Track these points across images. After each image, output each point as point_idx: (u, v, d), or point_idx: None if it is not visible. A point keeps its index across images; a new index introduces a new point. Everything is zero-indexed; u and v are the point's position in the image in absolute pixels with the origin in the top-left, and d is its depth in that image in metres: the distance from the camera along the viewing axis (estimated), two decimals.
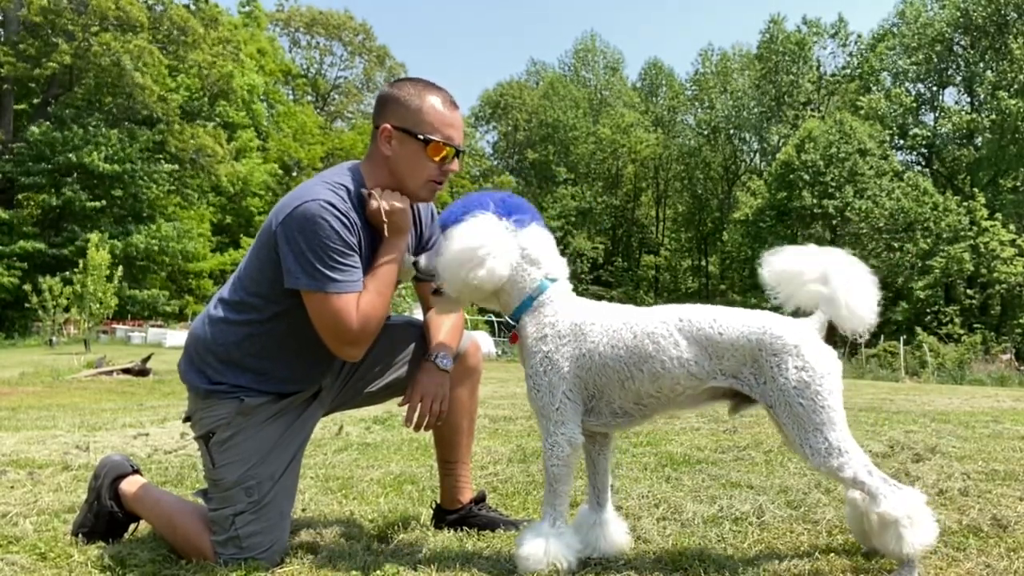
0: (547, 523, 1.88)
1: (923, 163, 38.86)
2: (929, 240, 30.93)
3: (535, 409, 1.94)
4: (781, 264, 1.91)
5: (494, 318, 32.47)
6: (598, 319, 1.92)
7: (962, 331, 27.03)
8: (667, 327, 1.85)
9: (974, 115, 34.02)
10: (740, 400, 1.92)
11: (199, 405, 2.06)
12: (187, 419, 2.14)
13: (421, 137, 2.01)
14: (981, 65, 34.56)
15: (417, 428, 2.06)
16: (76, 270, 21.50)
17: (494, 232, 1.93)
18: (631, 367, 1.86)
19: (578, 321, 1.92)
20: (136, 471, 2.33)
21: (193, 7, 36.91)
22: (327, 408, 2.26)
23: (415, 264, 2.08)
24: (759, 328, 1.80)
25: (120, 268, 22.01)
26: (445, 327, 2.22)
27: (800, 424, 1.75)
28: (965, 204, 30.95)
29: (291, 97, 51.39)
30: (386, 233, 2.01)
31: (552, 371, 1.89)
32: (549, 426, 1.90)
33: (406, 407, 2.07)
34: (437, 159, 2.04)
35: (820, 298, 1.85)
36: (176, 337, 24.96)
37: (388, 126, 2.03)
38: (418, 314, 2.40)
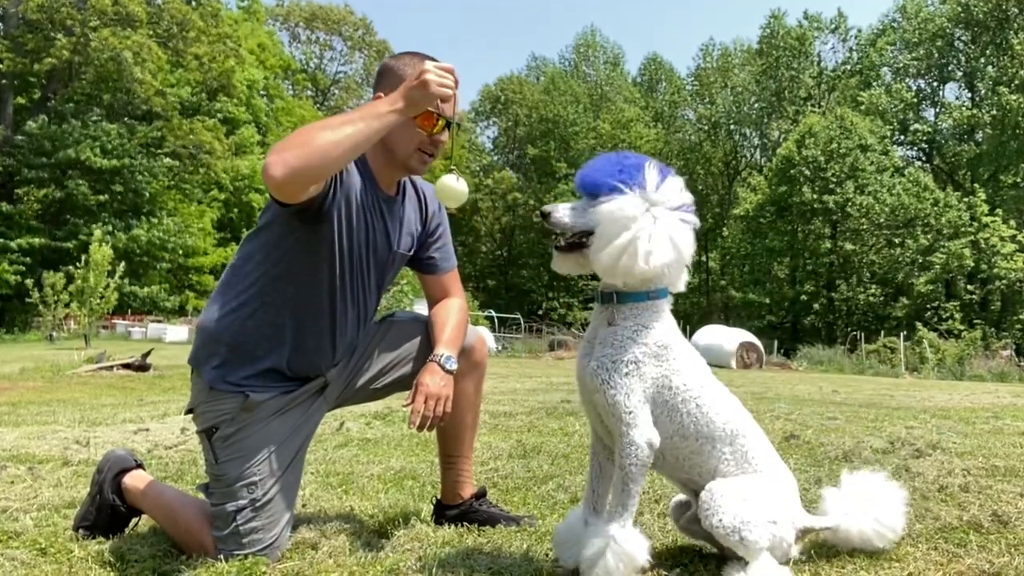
0: (616, 524, 1.77)
1: (924, 159, 38.85)
2: (929, 236, 30.95)
3: (606, 404, 1.81)
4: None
5: (495, 314, 32.50)
6: (688, 360, 1.87)
7: (962, 327, 27.03)
8: (724, 431, 1.85)
9: (975, 111, 34.00)
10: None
11: (203, 398, 2.05)
12: (189, 411, 2.12)
13: None
14: (982, 60, 34.54)
15: (420, 429, 2.05)
16: (78, 265, 21.49)
17: (666, 225, 1.79)
18: (685, 423, 1.83)
19: (671, 344, 1.86)
20: (140, 466, 2.33)
21: (193, 2, 36.83)
22: (332, 404, 2.25)
23: (545, 215, 1.85)
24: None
25: (123, 265, 21.99)
26: (450, 324, 2.20)
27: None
28: (966, 200, 30.96)
29: (291, 92, 51.33)
30: (402, 91, 1.86)
31: (635, 375, 1.80)
32: (621, 427, 1.80)
33: (409, 407, 2.07)
34: (427, 128, 2.03)
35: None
36: (176, 332, 24.97)
37: (381, 94, 2.04)
38: (419, 308, 2.40)
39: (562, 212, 1.85)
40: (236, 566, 1.89)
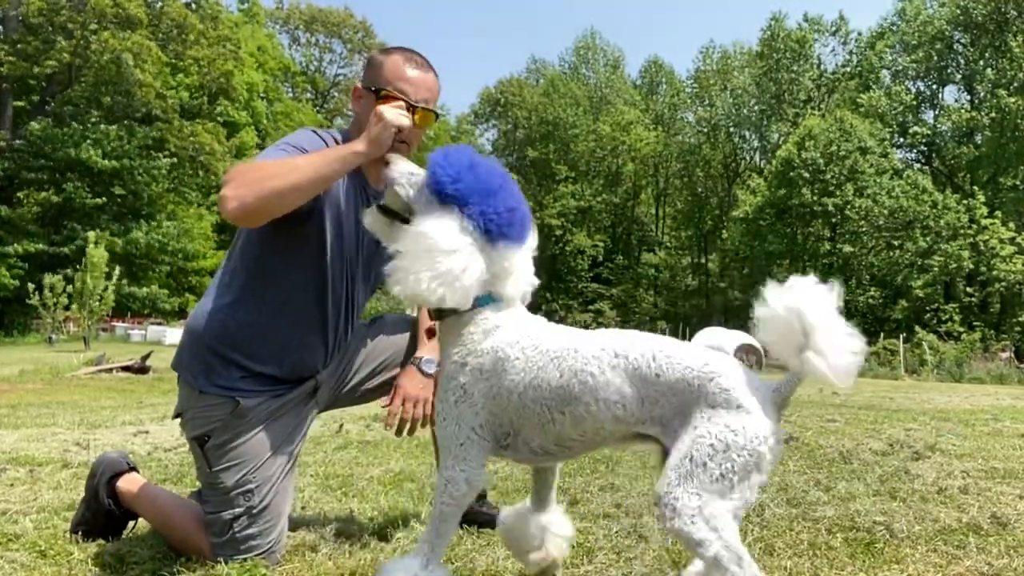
0: (419, 561, 1.62)
1: (923, 161, 38.84)
2: (928, 238, 30.94)
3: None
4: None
5: None
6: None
7: (961, 329, 27.02)
8: (600, 363, 1.56)
9: (974, 113, 34.00)
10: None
11: (192, 403, 2.01)
12: (177, 416, 2.09)
13: (374, 89, 2.06)
14: (981, 63, 34.54)
15: (399, 433, 2.06)
16: (79, 267, 21.49)
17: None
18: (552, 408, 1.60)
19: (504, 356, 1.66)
20: (133, 468, 2.31)
21: (193, 4, 36.85)
22: (322, 406, 2.25)
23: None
24: (705, 373, 1.49)
25: (118, 268, 21.99)
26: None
27: (687, 476, 1.42)
28: (965, 202, 30.96)
29: (290, 95, 51.34)
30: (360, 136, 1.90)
31: (464, 402, 1.67)
32: (448, 459, 1.69)
33: (389, 410, 2.08)
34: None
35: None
36: (176, 335, 24.96)
37: (358, 86, 2.13)
38: (412, 312, 2.40)
39: (403, 174, 1.69)
40: (236, 568, 1.89)
